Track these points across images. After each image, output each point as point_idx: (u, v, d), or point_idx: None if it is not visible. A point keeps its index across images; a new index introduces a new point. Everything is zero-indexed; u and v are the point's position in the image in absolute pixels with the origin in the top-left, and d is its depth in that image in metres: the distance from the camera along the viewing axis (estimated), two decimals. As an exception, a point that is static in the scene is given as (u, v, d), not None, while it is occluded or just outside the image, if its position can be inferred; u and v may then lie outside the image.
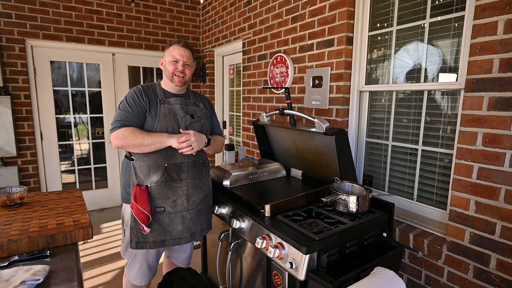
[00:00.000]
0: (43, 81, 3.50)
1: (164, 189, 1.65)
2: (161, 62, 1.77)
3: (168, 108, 1.69)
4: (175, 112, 1.70)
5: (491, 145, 1.38)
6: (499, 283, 1.39)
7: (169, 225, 1.68)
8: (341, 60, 2.08)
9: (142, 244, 1.66)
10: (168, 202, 1.67)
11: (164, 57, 1.74)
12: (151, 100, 1.67)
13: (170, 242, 1.69)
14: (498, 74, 1.33)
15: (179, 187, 1.68)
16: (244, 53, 3.23)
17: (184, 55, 1.71)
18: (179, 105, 1.72)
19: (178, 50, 1.70)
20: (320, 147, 1.89)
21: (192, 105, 1.80)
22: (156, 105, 1.67)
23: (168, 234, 1.68)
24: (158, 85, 1.77)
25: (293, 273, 1.26)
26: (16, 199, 1.58)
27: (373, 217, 1.50)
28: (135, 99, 1.64)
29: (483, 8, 1.37)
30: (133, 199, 1.59)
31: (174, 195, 1.67)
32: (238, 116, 3.84)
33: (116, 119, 1.62)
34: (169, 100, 1.71)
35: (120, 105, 1.65)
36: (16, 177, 3.28)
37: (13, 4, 3.19)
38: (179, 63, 1.70)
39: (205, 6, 4.11)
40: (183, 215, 1.70)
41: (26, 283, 0.97)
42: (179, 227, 1.70)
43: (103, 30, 3.67)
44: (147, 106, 1.64)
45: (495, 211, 1.38)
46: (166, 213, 1.67)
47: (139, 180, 1.65)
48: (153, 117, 1.64)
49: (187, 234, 1.73)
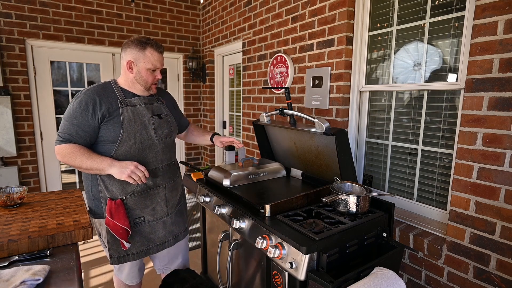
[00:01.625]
0: (43, 81, 3.50)
1: (141, 199, 1.54)
2: (129, 64, 1.51)
3: (132, 111, 1.49)
4: (140, 114, 1.52)
5: (491, 145, 1.38)
6: (499, 283, 1.39)
7: (150, 233, 1.59)
8: (341, 60, 2.08)
9: (125, 257, 1.55)
10: (147, 211, 1.56)
11: (137, 60, 1.50)
12: (110, 105, 1.45)
13: (154, 249, 1.61)
14: (498, 74, 1.33)
15: (157, 194, 1.58)
16: (244, 53, 3.23)
17: (161, 61, 1.54)
18: (144, 105, 1.55)
19: (157, 57, 1.51)
20: (320, 147, 1.89)
21: (156, 102, 1.63)
22: (117, 108, 1.46)
23: (151, 241, 1.60)
24: (115, 83, 1.55)
25: (293, 273, 1.25)
26: (16, 199, 1.58)
27: (373, 217, 1.50)
28: (84, 109, 1.41)
29: (483, 8, 1.37)
30: (108, 215, 1.45)
31: (153, 203, 1.57)
32: (238, 116, 3.84)
33: (60, 130, 1.43)
34: (131, 100, 1.52)
35: (66, 113, 1.44)
36: (16, 177, 3.28)
37: (13, 4, 3.19)
38: (157, 72, 1.53)
39: (205, 6, 4.11)
40: (164, 221, 1.62)
41: (26, 283, 0.97)
42: (162, 233, 1.62)
43: (103, 30, 3.67)
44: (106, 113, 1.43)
45: (495, 211, 1.38)
46: (146, 222, 1.57)
47: (112, 194, 1.50)
48: (115, 123, 1.45)
49: (170, 238, 1.66)
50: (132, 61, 1.51)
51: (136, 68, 1.51)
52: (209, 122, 4.34)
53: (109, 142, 1.47)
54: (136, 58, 1.50)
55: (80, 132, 1.41)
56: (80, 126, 1.41)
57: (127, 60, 1.52)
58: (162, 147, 1.61)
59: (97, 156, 1.42)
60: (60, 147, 1.42)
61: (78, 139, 1.42)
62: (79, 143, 1.43)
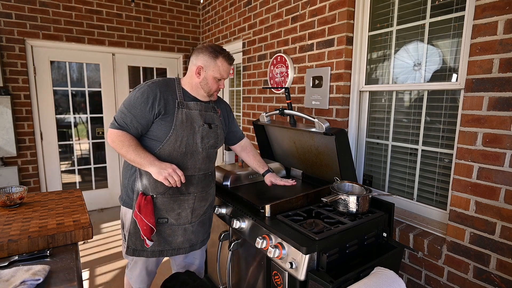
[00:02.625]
0: (43, 81, 3.50)
1: (170, 201, 1.55)
2: (198, 70, 1.52)
3: (186, 114, 1.51)
4: (193, 119, 1.53)
5: (491, 145, 1.38)
6: (499, 283, 1.39)
7: (169, 236, 1.59)
8: (341, 60, 2.08)
9: (140, 252, 1.57)
10: (173, 215, 1.57)
11: (207, 67, 1.51)
12: (168, 102, 1.48)
13: (168, 252, 1.61)
14: (498, 74, 1.33)
15: (186, 200, 1.58)
16: (244, 53, 3.23)
17: (229, 72, 1.56)
18: (198, 111, 1.55)
19: (227, 68, 1.53)
20: (320, 147, 1.89)
21: (211, 111, 1.63)
22: (173, 108, 1.49)
23: (168, 244, 1.60)
24: (178, 82, 1.58)
25: (293, 273, 1.26)
26: (16, 199, 1.58)
27: (373, 217, 1.50)
28: (144, 101, 1.45)
29: (483, 8, 1.37)
30: (137, 209, 1.48)
31: (180, 208, 1.57)
32: (238, 116, 3.84)
33: (117, 115, 1.48)
34: (188, 104, 1.54)
35: (127, 99, 1.49)
36: (16, 177, 3.28)
37: (13, 4, 3.19)
38: (222, 81, 1.55)
39: (205, 6, 4.11)
40: (185, 228, 1.62)
41: (26, 283, 0.97)
42: (180, 239, 1.62)
43: (103, 30, 3.67)
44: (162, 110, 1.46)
45: (495, 211, 1.38)
46: (168, 224, 1.58)
47: (145, 188, 1.52)
48: (168, 122, 1.48)
49: (187, 245, 1.65)
50: (202, 67, 1.52)
51: (204, 74, 1.53)
52: (209, 122, 4.34)
53: (156, 138, 1.49)
54: (207, 65, 1.52)
55: (135, 122, 1.45)
56: (136, 117, 1.45)
57: (198, 65, 1.53)
58: (204, 156, 1.60)
59: (142, 151, 1.45)
60: (113, 132, 1.46)
61: (131, 128, 1.46)
62: (131, 133, 1.47)
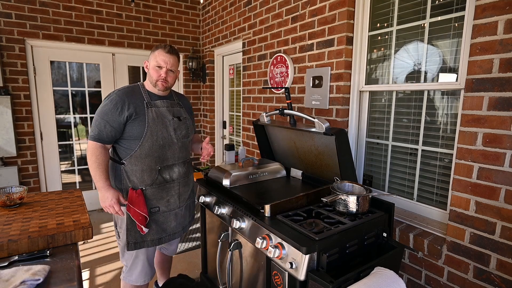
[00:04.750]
0: (43, 81, 3.50)
1: (158, 190, 1.72)
2: (146, 64, 1.75)
3: (156, 112, 1.69)
4: (163, 115, 1.71)
5: (491, 145, 1.37)
6: (499, 283, 1.39)
7: (163, 223, 1.77)
8: (341, 60, 2.08)
9: (141, 243, 1.71)
10: (162, 202, 1.75)
11: (149, 60, 1.72)
12: (137, 105, 1.64)
13: (166, 238, 1.79)
14: (498, 74, 1.33)
15: (172, 187, 1.77)
16: (244, 53, 3.23)
17: (168, 61, 1.68)
18: (166, 108, 1.74)
19: (163, 57, 1.67)
20: (320, 147, 1.89)
21: (177, 106, 1.83)
22: (143, 109, 1.65)
23: (164, 231, 1.78)
24: (142, 86, 1.75)
25: (293, 273, 1.25)
26: (16, 199, 1.58)
27: (373, 217, 1.50)
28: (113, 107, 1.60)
29: (483, 8, 1.37)
30: (129, 203, 1.62)
31: (168, 195, 1.76)
32: (238, 116, 3.84)
33: (93, 125, 1.62)
34: (156, 103, 1.71)
35: (99, 109, 1.62)
36: (16, 177, 3.28)
37: (13, 4, 3.19)
38: (162, 70, 1.68)
39: (205, 6, 4.11)
40: (175, 212, 1.81)
41: (26, 283, 0.97)
42: (173, 224, 1.81)
43: (103, 30, 3.67)
44: (133, 113, 1.62)
45: (495, 211, 1.38)
46: (160, 212, 1.75)
47: (133, 183, 1.68)
48: (141, 122, 1.63)
49: (180, 229, 1.86)
50: (147, 60, 1.75)
51: (148, 65, 1.73)
52: (209, 122, 4.34)
53: (134, 138, 1.65)
54: (150, 58, 1.73)
55: (108, 127, 1.60)
56: (109, 122, 1.59)
57: (145, 61, 1.77)
58: (180, 146, 1.78)
59: (102, 172, 1.59)
60: (90, 144, 1.61)
61: (105, 133, 1.60)
62: (106, 139, 1.61)
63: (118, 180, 1.71)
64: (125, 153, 1.68)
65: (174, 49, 1.72)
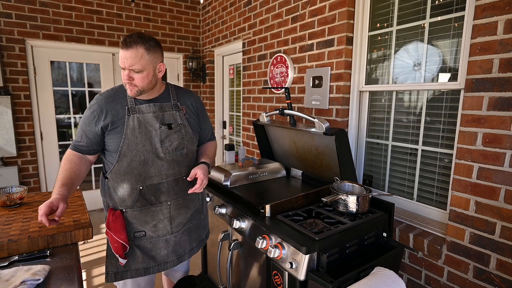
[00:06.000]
0: (43, 81, 3.50)
1: (140, 214, 1.43)
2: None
3: (138, 120, 1.38)
4: (148, 123, 1.39)
5: (491, 145, 1.38)
6: (499, 283, 1.39)
7: (151, 250, 1.47)
8: (341, 60, 2.08)
9: (122, 274, 1.43)
10: (148, 227, 1.45)
11: None
12: (117, 112, 1.36)
13: (154, 268, 1.48)
14: (498, 74, 1.33)
15: (159, 211, 1.45)
16: (244, 53, 3.23)
17: (125, 60, 1.29)
18: (152, 114, 1.41)
19: (121, 54, 1.30)
20: (320, 147, 1.89)
21: (171, 110, 1.46)
22: (123, 117, 1.37)
23: (152, 260, 1.47)
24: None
25: (293, 273, 1.26)
26: (16, 199, 1.58)
27: (373, 217, 1.50)
28: (89, 116, 1.37)
29: (483, 8, 1.37)
30: (106, 226, 1.38)
31: (154, 220, 1.45)
32: (238, 116, 3.84)
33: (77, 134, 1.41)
34: (140, 107, 1.39)
35: (82, 116, 1.41)
36: (16, 177, 3.28)
37: (13, 4, 3.19)
38: (124, 72, 1.32)
39: (205, 6, 4.11)
40: (166, 239, 1.49)
41: (26, 283, 0.97)
42: (163, 252, 1.49)
43: (103, 30, 3.67)
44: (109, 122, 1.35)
45: (495, 211, 1.38)
46: (147, 238, 1.45)
47: (114, 203, 1.43)
48: (118, 133, 1.36)
49: (173, 258, 1.52)
50: None
51: None
52: (209, 122, 4.34)
53: (112, 150, 1.40)
54: None
55: (84, 137, 1.38)
56: (85, 131, 1.38)
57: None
58: (169, 161, 1.44)
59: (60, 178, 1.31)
60: (67, 152, 1.41)
61: (83, 143, 1.39)
62: (83, 149, 1.40)
63: (106, 196, 1.48)
64: (107, 167, 1.44)
65: (134, 40, 1.28)
